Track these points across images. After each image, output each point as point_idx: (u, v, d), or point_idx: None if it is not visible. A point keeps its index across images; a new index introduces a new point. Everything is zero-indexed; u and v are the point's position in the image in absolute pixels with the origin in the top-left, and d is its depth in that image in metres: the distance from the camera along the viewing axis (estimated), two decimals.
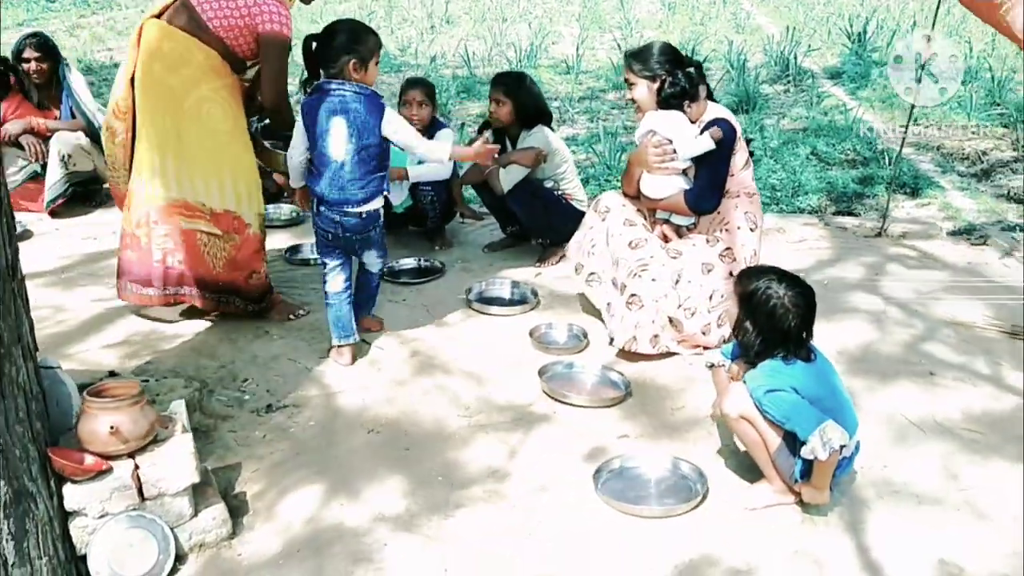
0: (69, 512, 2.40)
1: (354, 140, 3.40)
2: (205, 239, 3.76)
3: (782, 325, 2.66)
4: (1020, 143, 7.93)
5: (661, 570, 2.50)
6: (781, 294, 2.68)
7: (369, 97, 3.42)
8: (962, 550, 2.57)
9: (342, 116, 3.40)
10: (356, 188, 3.45)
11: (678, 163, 3.61)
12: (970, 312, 4.05)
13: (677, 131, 3.56)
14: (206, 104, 3.63)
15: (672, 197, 3.64)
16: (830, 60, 11.66)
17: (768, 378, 2.63)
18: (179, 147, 3.65)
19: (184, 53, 3.60)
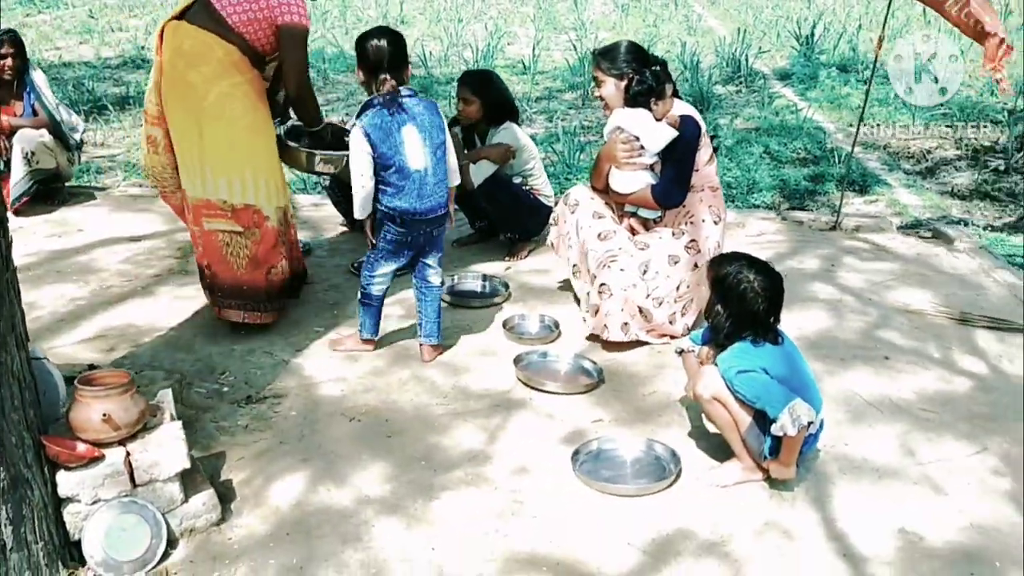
0: (62, 498, 2.44)
1: (428, 143, 3.38)
2: (227, 239, 3.72)
3: (751, 308, 2.80)
4: (963, 142, 8.24)
5: (638, 545, 2.62)
6: (751, 279, 2.81)
7: (425, 100, 3.45)
8: (921, 521, 2.72)
9: (412, 123, 3.36)
10: (442, 190, 3.45)
11: (645, 158, 3.73)
12: (921, 300, 4.25)
13: (644, 128, 3.69)
14: (227, 100, 3.60)
15: (640, 192, 3.76)
16: (779, 62, 11.95)
17: (738, 359, 2.76)
18: (201, 145, 3.63)
19: (204, 50, 3.59)
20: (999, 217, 6.58)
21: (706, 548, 2.61)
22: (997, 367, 3.64)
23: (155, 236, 5.14)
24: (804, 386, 2.83)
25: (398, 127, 3.35)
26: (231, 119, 3.61)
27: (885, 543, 2.63)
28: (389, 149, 3.34)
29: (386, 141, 3.34)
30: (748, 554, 2.58)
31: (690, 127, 3.65)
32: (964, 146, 8.16)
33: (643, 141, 3.70)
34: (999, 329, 3.95)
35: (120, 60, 11.69)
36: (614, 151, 3.77)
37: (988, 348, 3.80)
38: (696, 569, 2.52)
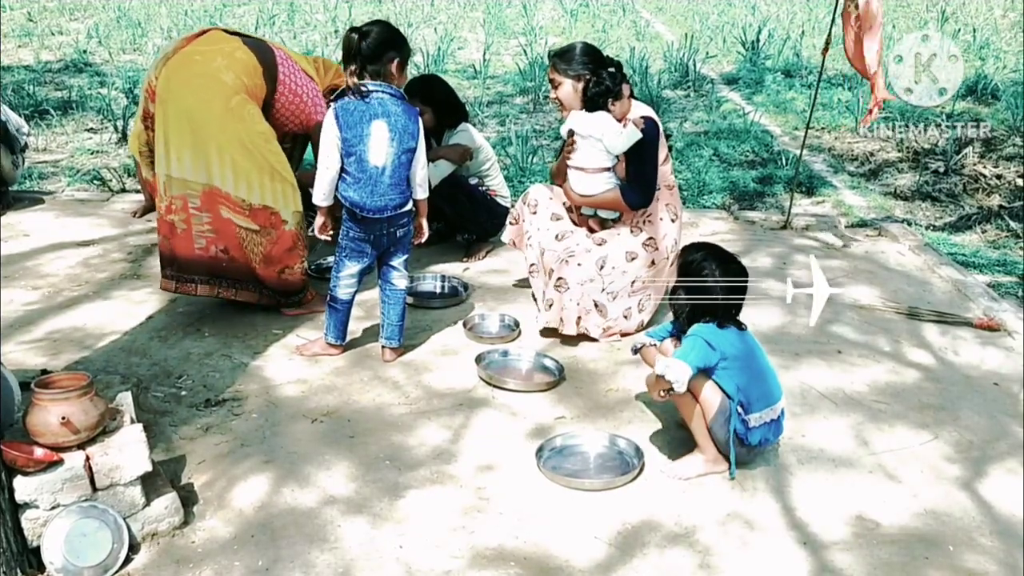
0: (20, 504, 2.38)
1: (395, 145, 3.33)
2: (243, 234, 3.78)
3: (712, 292, 2.86)
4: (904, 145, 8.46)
5: (605, 538, 2.64)
6: (715, 268, 2.88)
7: (404, 101, 3.38)
8: (877, 508, 2.79)
9: (383, 120, 3.31)
10: (396, 194, 3.40)
11: (605, 160, 3.75)
12: (870, 296, 4.36)
13: (604, 129, 3.72)
14: (248, 105, 3.68)
15: (605, 194, 3.78)
16: (726, 67, 12.15)
17: (699, 330, 2.82)
18: (221, 138, 3.65)
19: (252, 70, 3.76)
20: (940, 217, 6.78)
21: (671, 539, 2.64)
22: (944, 359, 3.76)
23: (105, 240, 5.05)
24: (764, 372, 2.91)
25: (368, 118, 3.31)
26: (251, 123, 3.69)
27: (843, 530, 2.70)
28: (354, 137, 3.32)
29: (353, 128, 3.31)
30: (712, 544, 2.62)
31: (651, 128, 3.70)
32: (905, 149, 8.38)
33: (605, 143, 3.72)
34: (945, 323, 4.08)
35: (61, 64, 11.44)
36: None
37: (935, 341, 3.91)
38: (662, 560, 2.55)
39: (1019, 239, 6.18)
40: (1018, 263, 5.53)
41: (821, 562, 2.55)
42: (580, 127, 3.73)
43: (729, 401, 2.84)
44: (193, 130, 3.67)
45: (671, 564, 2.54)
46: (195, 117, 3.67)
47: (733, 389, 2.84)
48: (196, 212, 3.76)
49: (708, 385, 2.84)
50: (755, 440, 2.89)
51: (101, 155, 7.30)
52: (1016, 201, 6.87)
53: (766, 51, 12.15)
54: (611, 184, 3.76)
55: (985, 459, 3.05)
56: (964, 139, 8.37)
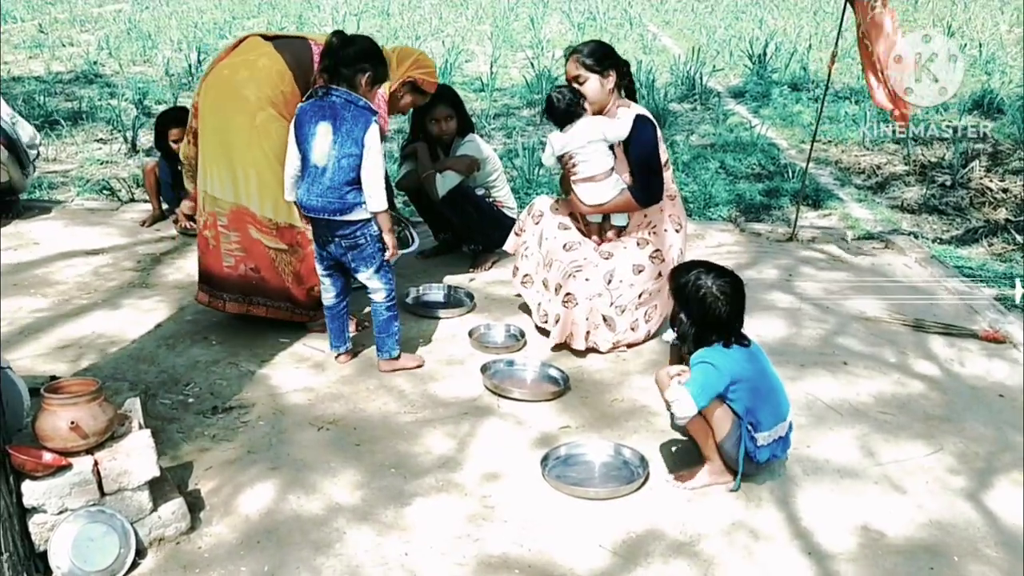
0: (28, 508, 2.40)
1: (336, 148, 3.33)
2: (273, 253, 3.78)
3: (714, 312, 2.84)
4: (911, 158, 8.47)
5: (609, 546, 2.65)
6: (710, 284, 2.86)
7: (359, 109, 3.33)
8: (882, 519, 2.79)
9: (328, 122, 3.33)
10: (334, 197, 3.37)
11: (610, 159, 3.78)
12: (876, 308, 4.36)
13: (597, 127, 3.73)
14: (275, 122, 3.63)
15: (616, 199, 3.80)
16: (733, 80, 12.19)
17: (705, 353, 2.82)
18: (249, 158, 3.65)
19: (276, 76, 3.67)
20: (946, 230, 6.78)
21: (675, 548, 2.65)
22: (950, 370, 3.76)
23: (114, 249, 5.09)
24: (772, 390, 2.90)
25: (317, 119, 3.34)
26: (278, 141, 3.60)
27: (848, 540, 2.70)
28: (303, 136, 3.38)
29: (303, 127, 3.38)
30: (716, 553, 2.63)
31: (646, 126, 3.71)
32: (912, 162, 8.39)
33: (608, 136, 3.73)
34: (951, 335, 4.08)
35: (72, 75, 11.54)
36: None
37: (941, 353, 3.91)
38: (666, 569, 2.56)
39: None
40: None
41: (826, 572, 2.55)
42: (575, 141, 3.75)
43: (739, 421, 2.84)
44: (223, 149, 3.69)
45: (675, 573, 2.54)
46: (223, 136, 3.69)
47: (742, 410, 2.83)
48: (224, 231, 3.78)
49: (719, 406, 2.84)
50: (763, 458, 2.89)
51: (110, 165, 7.35)
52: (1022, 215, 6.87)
53: (773, 64, 12.19)
54: (621, 187, 3.78)
55: (990, 470, 3.04)
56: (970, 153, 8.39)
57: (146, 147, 8.00)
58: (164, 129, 5.44)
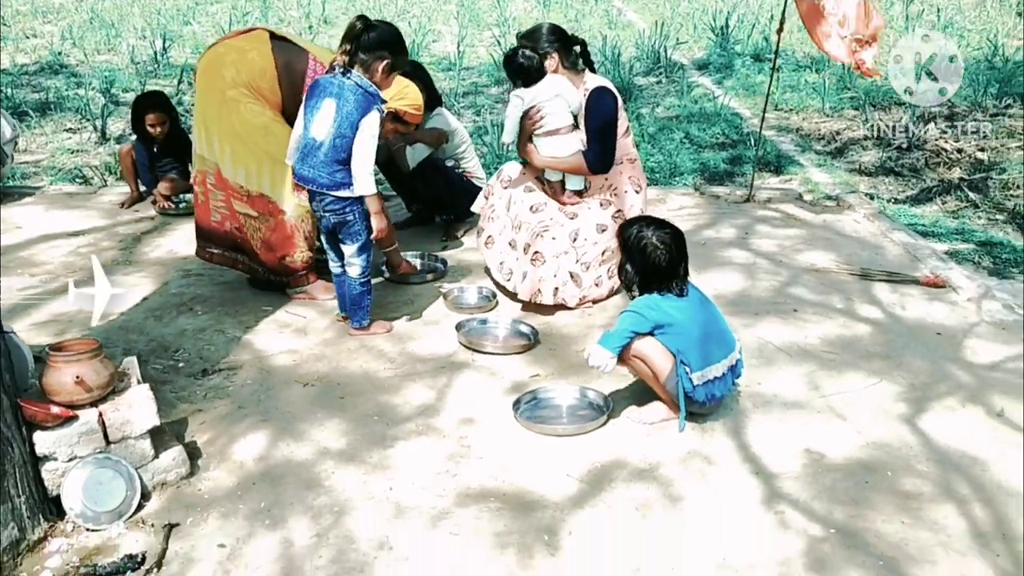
0: (40, 457, 2.60)
1: (334, 126, 3.47)
2: (243, 218, 4.03)
3: (654, 261, 3.08)
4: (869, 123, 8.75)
5: (577, 476, 2.89)
6: (651, 235, 3.09)
7: (365, 94, 3.45)
8: (824, 442, 3.06)
9: (334, 99, 3.47)
10: (325, 172, 3.53)
11: (569, 116, 4.00)
12: (826, 260, 4.63)
13: (560, 87, 3.97)
14: (244, 100, 3.85)
15: (570, 158, 4.02)
16: (697, 53, 12.41)
17: (636, 304, 3.07)
18: (219, 127, 3.91)
19: (259, 72, 3.88)
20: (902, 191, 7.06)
21: (636, 475, 2.89)
22: (893, 314, 4.03)
23: (96, 231, 5.25)
24: (705, 335, 3.10)
25: (325, 95, 3.50)
26: (247, 116, 3.86)
27: (792, 462, 2.95)
28: (309, 108, 3.57)
29: (311, 99, 3.56)
30: (674, 478, 2.87)
31: (605, 96, 3.95)
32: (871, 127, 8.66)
33: (567, 98, 3.97)
34: (895, 281, 4.35)
35: (37, 66, 11.56)
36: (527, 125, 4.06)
37: (884, 298, 4.19)
38: (628, 492, 2.80)
39: (978, 209, 6.47)
40: (976, 231, 5.82)
41: (772, 489, 2.81)
42: (541, 94, 3.97)
43: (676, 363, 3.07)
44: (202, 115, 3.97)
45: (637, 495, 2.79)
46: (203, 104, 3.97)
47: (674, 351, 3.07)
48: (212, 189, 4.07)
49: (655, 348, 3.07)
50: (700, 397, 3.09)
51: (81, 154, 7.47)
52: (976, 173, 7.17)
53: (736, 36, 12.42)
54: (578, 147, 4.00)
55: (926, 399, 3.32)
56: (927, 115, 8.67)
57: (116, 135, 8.13)
58: (141, 114, 5.59)
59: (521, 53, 3.98)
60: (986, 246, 5.48)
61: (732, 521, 2.67)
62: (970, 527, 2.61)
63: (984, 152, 7.71)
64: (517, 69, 3.99)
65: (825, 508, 2.71)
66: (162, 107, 5.63)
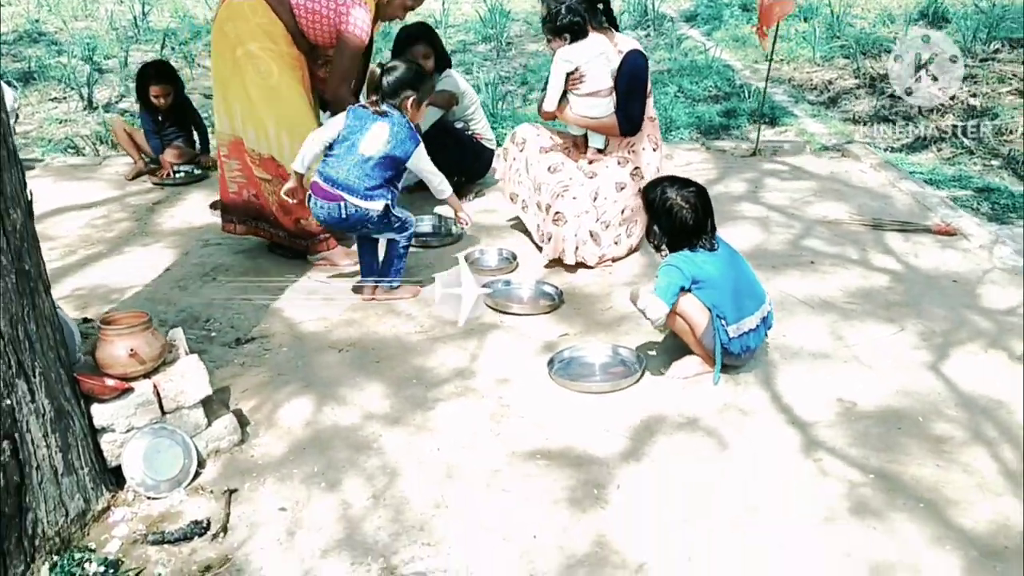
0: (98, 429, 2.65)
1: (388, 146, 3.65)
2: (260, 182, 4.08)
3: (681, 220, 3.14)
4: (861, 71, 8.78)
5: (619, 431, 2.97)
6: (675, 195, 3.16)
7: (411, 128, 3.73)
8: (854, 391, 3.15)
9: (387, 124, 3.67)
10: (367, 184, 3.67)
11: (610, 78, 4.02)
12: (838, 211, 4.71)
13: (602, 47, 4.00)
14: (253, 59, 3.87)
15: (606, 118, 4.05)
16: (684, 4, 12.36)
17: (672, 259, 3.14)
18: (233, 91, 3.94)
19: (247, 10, 3.86)
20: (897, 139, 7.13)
21: (676, 428, 2.98)
22: (908, 263, 4.12)
23: (107, 202, 5.24)
24: (737, 289, 3.19)
25: (374, 119, 3.68)
26: (257, 76, 3.89)
27: (825, 411, 3.05)
28: (354, 127, 3.69)
29: (357, 120, 3.70)
30: (713, 429, 2.96)
31: (640, 59, 3.97)
32: (862, 75, 8.69)
33: (611, 57, 4.00)
34: (907, 231, 4.44)
35: (15, 35, 11.35)
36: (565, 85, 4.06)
37: (898, 248, 4.28)
38: (670, 445, 2.89)
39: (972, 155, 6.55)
40: (972, 178, 5.91)
41: (808, 437, 2.91)
42: (582, 56, 3.98)
43: (712, 316, 3.15)
44: (219, 84, 4.02)
45: (678, 448, 2.87)
46: (217, 72, 4.02)
47: (710, 305, 3.14)
48: (226, 160, 4.11)
49: (693, 304, 3.15)
50: (736, 349, 3.19)
51: (70, 124, 7.40)
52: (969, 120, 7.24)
53: None
54: (612, 109, 4.03)
55: (947, 345, 3.42)
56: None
57: (104, 102, 8.06)
58: (145, 84, 5.55)
59: (568, 7, 3.94)
60: (984, 192, 5.57)
61: (774, 470, 2.76)
62: (1002, 469, 2.72)
63: (976, 98, 7.78)
64: (567, 27, 3.96)
65: (861, 454, 2.81)
66: (167, 78, 5.59)
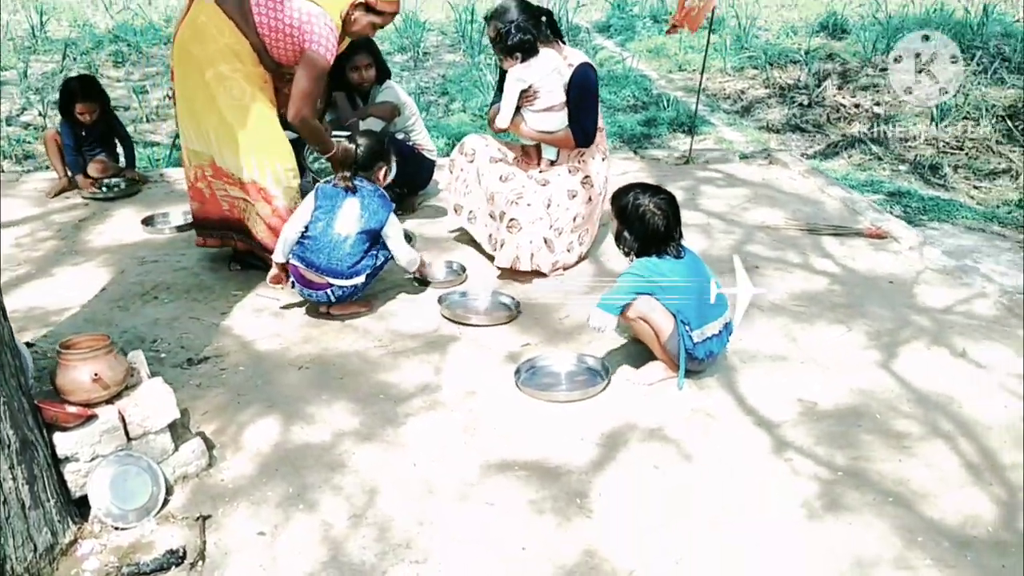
0: (61, 458, 2.51)
1: (363, 221, 3.70)
2: (243, 204, 3.93)
3: (653, 226, 3.20)
4: (770, 81, 9.10)
5: (592, 440, 2.99)
6: (647, 201, 3.21)
7: (383, 196, 3.80)
8: (813, 391, 3.25)
9: (357, 199, 3.72)
10: (349, 263, 3.68)
11: (563, 93, 4.04)
12: (774, 217, 4.86)
13: (555, 64, 4.01)
14: (224, 80, 3.73)
15: (559, 132, 4.08)
16: (596, 15, 12.58)
17: (634, 266, 3.19)
18: (206, 114, 3.79)
19: (214, 30, 3.71)
20: (810, 146, 7.42)
21: (648, 434, 3.02)
22: (846, 266, 4.28)
23: (30, 220, 5.00)
24: (700, 293, 3.25)
25: (344, 196, 3.73)
26: (228, 99, 3.75)
27: (788, 411, 3.14)
28: (325, 207, 3.72)
29: (328, 200, 3.73)
30: (682, 435, 3.01)
31: (590, 72, 4.01)
32: (772, 85, 9.01)
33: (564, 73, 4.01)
34: (840, 235, 4.62)
35: None
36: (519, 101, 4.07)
37: (835, 251, 4.44)
38: (644, 451, 2.92)
39: (881, 161, 6.87)
40: (884, 183, 6.19)
41: (776, 438, 2.98)
42: (536, 74, 3.99)
43: (677, 322, 3.20)
44: (188, 106, 3.85)
45: (653, 454, 2.91)
46: (186, 94, 3.85)
47: (675, 311, 3.20)
48: (213, 179, 3.97)
49: (658, 309, 3.20)
50: (701, 354, 3.26)
51: None
52: (874, 127, 7.58)
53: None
54: (567, 123, 4.07)
55: (894, 343, 3.57)
56: (822, 73, 9.09)
57: (4, 116, 7.71)
58: (71, 101, 5.31)
59: (516, 26, 3.94)
60: (895, 196, 5.85)
61: (747, 471, 2.82)
62: (961, 461, 2.85)
63: (880, 107, 8.16)
64: (518, 46, 3.96)
65: (828, 453, 2.91)
66: (94, 96, 5.36)
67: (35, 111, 8.14)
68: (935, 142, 6.93)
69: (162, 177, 5.82)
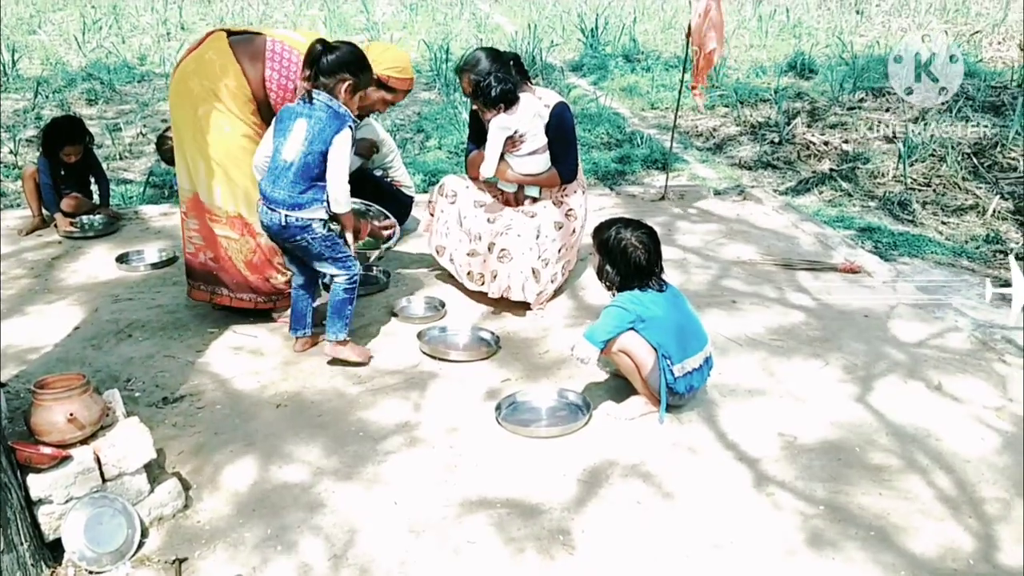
0: (35, 501, 2.46)
1: (306, 144, 3.41)
2: (224, 242, 3.86)
3: (636, 260, 3.22)
4: (741, 119, 9.24)
5: (574, 476, 2.98)
6: (629, 236, 3.24)
7: (335, 113, 3.42)
8: (793, 425, 3.27)
9: (305, 119, 3.42)
10: (296, 192, 3.44)
11: (539, 140, 4.08)
12: (750, 252, 4.91)
13: (535, 109, 4.05)
14: (217, 116, 3.70)
15: (545, 172, 4.13)
16: (569, 55, 12.73)
17: (617, 300, 3.20)
18: (194, 149, 3.75)
19: (219, 69, 3.70)
20: (782, 183, 7.51)
21: (630, 469, 3.01)
22: (821, 300, 4.33)
23: (3, 258, 4.93)
24: (681, 328, 3.27)
25: (295, 117, 3.45)
26: (219, 134, 3.73)
27: (769, 446, 3.15)
28: (278, 130, 3.50)
29: (280, 123, 3.50)
30: (664, 470, 3.00)
31: (566, 112, 4.06)
32: (743, 123, 9.14)
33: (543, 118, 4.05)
34: (815, 269, 4.67)
35: None
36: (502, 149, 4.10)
37: (810, 286, 4.49)
38: (627, 487, 2.91)
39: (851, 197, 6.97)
40: (854, 218, 6.28)
41: (758, 473, 2.99)
42: (520, 121, 4.01)
43: (658, 356, 3.21)
44: (179, 139, 3.84)
45: (636, 490, 2.90)
46: (178, 127, 3.83)
47: (656, 344, 3.22)
48: (185, 218, 3.93)
49: (640, 343, 3.21)
50: (681, 388, 3.26)
51: None
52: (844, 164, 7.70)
53: (605, 38, 12.80)
54: (549, 162, 4.10)
55: (870, 377, 3.60)
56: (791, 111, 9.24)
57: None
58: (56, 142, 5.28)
59: (495, 77, 3.96)
60: (866, 231, 5.93)
61: (730, 506, 2.82)
62: (938, 494, 2.87)
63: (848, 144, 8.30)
64: (501, 97, 3.96)
65: (808, 487, 2.91)
66: (79, 138, 5.34)
67: (6, 149, 8.07)
68: (903, 179, 7.04)
69: (136, 214, 5.77)
